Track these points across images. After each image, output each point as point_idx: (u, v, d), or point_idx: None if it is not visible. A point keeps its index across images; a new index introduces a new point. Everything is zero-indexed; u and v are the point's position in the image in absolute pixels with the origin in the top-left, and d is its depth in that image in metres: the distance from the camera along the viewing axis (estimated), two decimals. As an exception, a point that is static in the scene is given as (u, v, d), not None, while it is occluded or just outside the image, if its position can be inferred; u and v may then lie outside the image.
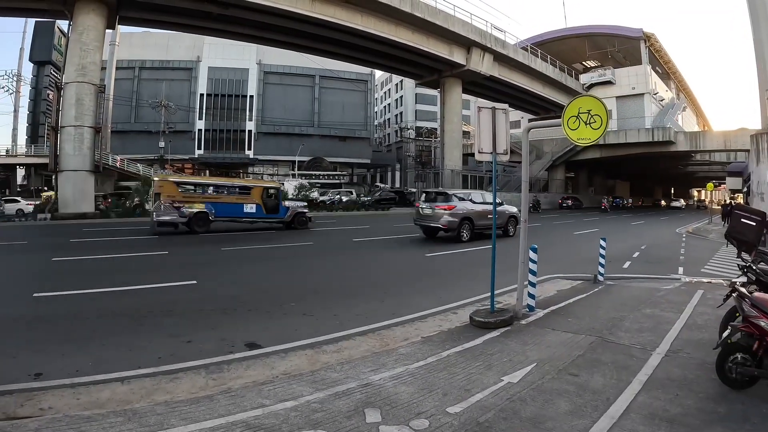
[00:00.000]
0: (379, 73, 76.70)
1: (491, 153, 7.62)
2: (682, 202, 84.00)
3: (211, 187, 23.09)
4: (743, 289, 5.26)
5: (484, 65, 46.03)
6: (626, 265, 14.63)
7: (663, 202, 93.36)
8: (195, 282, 10.15)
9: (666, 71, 70.82)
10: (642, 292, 10.27)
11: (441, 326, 7.18)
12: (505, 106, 8.00)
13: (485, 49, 45.63)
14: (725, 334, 5.23)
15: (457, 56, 44.32)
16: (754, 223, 8.04)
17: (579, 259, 14.89)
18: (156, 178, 23.42)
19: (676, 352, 6.18)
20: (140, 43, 60.61)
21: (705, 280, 12.06)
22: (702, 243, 22.21)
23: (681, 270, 14.07)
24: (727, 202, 53.29)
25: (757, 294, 5.22)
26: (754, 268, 6.75)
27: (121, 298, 8.79)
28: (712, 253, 17.68)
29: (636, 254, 17.02)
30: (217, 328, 6.90)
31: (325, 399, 4.49)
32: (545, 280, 11.01)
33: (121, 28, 46.95)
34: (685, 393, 4.93)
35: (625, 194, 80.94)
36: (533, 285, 8.31)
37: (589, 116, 6.85)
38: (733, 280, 6.49)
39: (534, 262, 8.27)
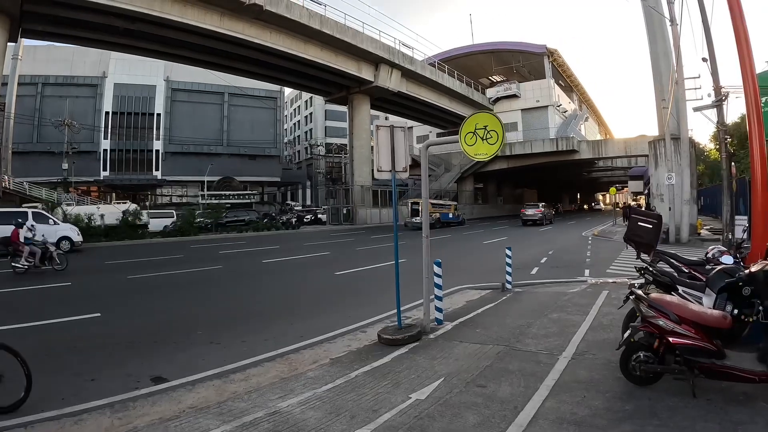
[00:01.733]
0: (288, 90, 76.13)
1: (390, 171, 7.70)
2: (602, 205, 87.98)
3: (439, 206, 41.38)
4: (640, 291, 5.46)
5: (392, 81, 46.59)
6: (534, 271, 15.02)
7: (586, 206, 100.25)
8: (99, 314, 9.60)
9: (569, 84, 74.25)
10: (549, 297, 10.56)
11: (350, 346, 7.16)
12: (405, 123, 8.07)
13: (393, 65, 46.22)
14: (627, 334, 5.43)
15: (366, 73, 44.68)
16: (650, 226, 8.44)
17: (489, 269, 15.10)
18: (420, 201, 31.83)
19: (582, 354, 6.37)
20: (44, 57, 57.16)
21: (610, 280, 12.54)
22: (607, 245, 23.22)
23: (587, 272, 14.59)
24: (630, 204, 56.34)
25: (653, 295, 5.46)
26: (650, 269, 7.06)
27: (21, 335, 8.20)
28: (617, 254, 18.37)
29: (544, 260, 17.57)
30: (123, 364, 6.58)
31: (232, 431, 4.39)
32: (454, 292, 11.19)
33: (24, 42, 44.58)
34: (593, 394, 5.08)
35: (533, 201, 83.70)
36: (440, 298, 8.39)
37: (486, 132, 7.02)
38: (632, 281, 6.79)
39: (439, 276, 8.36)
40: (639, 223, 8.54)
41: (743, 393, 5.17)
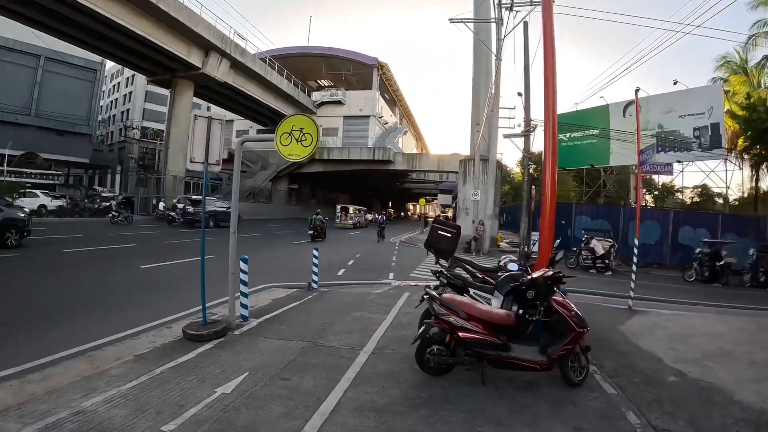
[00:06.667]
0: (110, 64, 69.35)
1: (203, 163, 7.63)
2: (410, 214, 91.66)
3: None
4: (433, 292, 6.15)
5: (219, 71, 45.08)
6: (341, 272, 15.63)
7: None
8: None
9: (393, 98, 77.88)
10: (354, 297, 11.16)
11: (155, 342, 7.01)
12: (224, 116, 8.16)
13: (224, 54, 44.71)
14: (421, 329, 6.02)
15: (194, 58, 42.67)
16: (450, 235, 9.36)
17: (297, 268, 15.21)
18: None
19: (382, 349, 6.94)
20: None
21: (412, 283, 13.51)
22: (412, 251, 24.65)
23: (391, 275, 15.54)
24: (440, 215, 60.47)
25: (445, 295, 6.20)
26: (445, 272, 7.91)
27: None
28: (421, 260, 19.68)
29: (351, 262, 18.29)
30: None
31: (35, 434, 4.18)
32: (261, 290, 11.37)
33: None
34: (391, 384, 5.63)
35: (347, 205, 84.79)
36: (245, 295, 8.48)
37: (301, 134, 7.31)
38: (430, 284, 7.60)
39: (245, 272, 8.44)
40: (439, 232, 9.43)
41: (528, 380, 6.01)
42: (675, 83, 31.31)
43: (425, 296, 6.15)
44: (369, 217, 57.87)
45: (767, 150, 27.55)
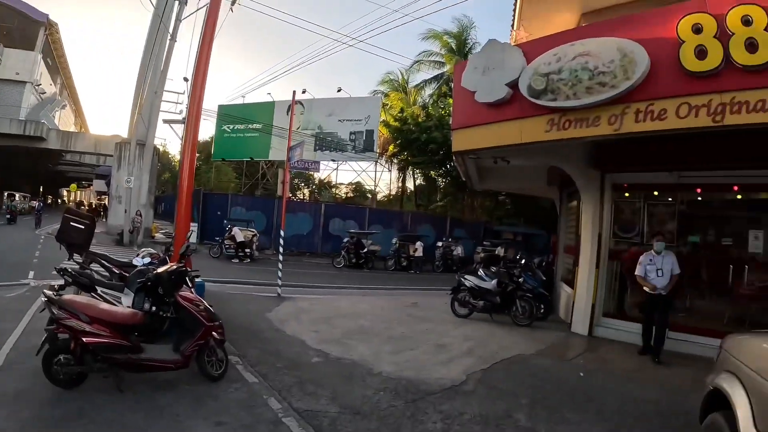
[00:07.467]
0: None
1: None
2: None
3: None
4: (50, 293, 5.43)
5: None
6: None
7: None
8: None
9: (57, 65, 67.67)
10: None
11: None
12: None
13: None
14: (44, 338, 5.31)
15: None
16: (83, 227, 8.96)
17: None
18: None
19: (11, 364, 6.11)
20: None
21: (58, 282, 12.40)
22: (54, 243, 22.57)
23: (32, 274, 13.95)
24: (92, 202, 55.60)
25: (65, 297, 5.56)
26: (69, 270, 7.50)
27: None
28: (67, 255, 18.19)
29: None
30: None
31: None
32: None
33: None
34: (22, 405, 4.97)
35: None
36: None
37: None
38: (54, 283, 6.79)
39: None
40: (72, 224, 8.93)
41: (168, 380, 5.96)
42: (339, 90, 35.88)
43: (43, 299, 5.43)
44: (34, 203, 52.11)
45: (413, 157, 33.76)
